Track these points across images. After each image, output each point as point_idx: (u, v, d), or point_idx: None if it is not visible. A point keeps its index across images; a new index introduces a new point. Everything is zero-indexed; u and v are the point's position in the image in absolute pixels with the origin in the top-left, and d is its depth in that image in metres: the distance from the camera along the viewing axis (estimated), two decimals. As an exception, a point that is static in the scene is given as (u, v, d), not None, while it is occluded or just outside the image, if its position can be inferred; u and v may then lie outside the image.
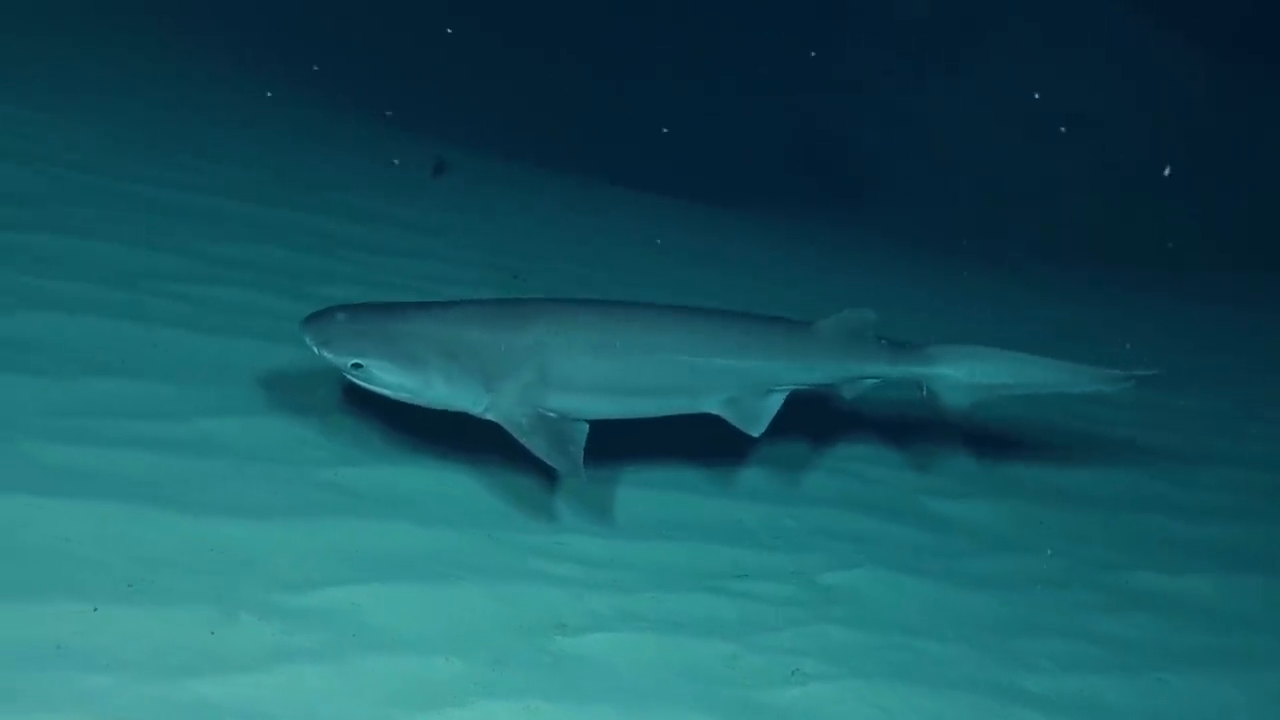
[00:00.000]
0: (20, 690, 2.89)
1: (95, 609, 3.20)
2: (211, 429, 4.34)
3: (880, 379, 4.75)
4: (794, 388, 4.55)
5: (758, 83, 16.16)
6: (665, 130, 13.41)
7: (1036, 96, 14.60)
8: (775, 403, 4.49)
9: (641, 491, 4.85)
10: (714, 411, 4.42)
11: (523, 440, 4.03)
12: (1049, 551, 5.28)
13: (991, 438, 6.21)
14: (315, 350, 4.01)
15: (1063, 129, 14.80)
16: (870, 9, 16.75)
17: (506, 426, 4.06)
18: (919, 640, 4.35)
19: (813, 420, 5.75)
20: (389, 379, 4.01)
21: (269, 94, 9.81)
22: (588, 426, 4.14)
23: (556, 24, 15.85)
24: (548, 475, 4.64)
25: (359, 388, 4.12)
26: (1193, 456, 6.75)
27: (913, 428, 6.07)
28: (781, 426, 4.58)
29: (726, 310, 4.61)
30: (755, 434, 4.45)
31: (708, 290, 7.92)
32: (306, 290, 5.70)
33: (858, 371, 4.66)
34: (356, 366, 3.98)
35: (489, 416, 4.11)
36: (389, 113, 10.95)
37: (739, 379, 4.38)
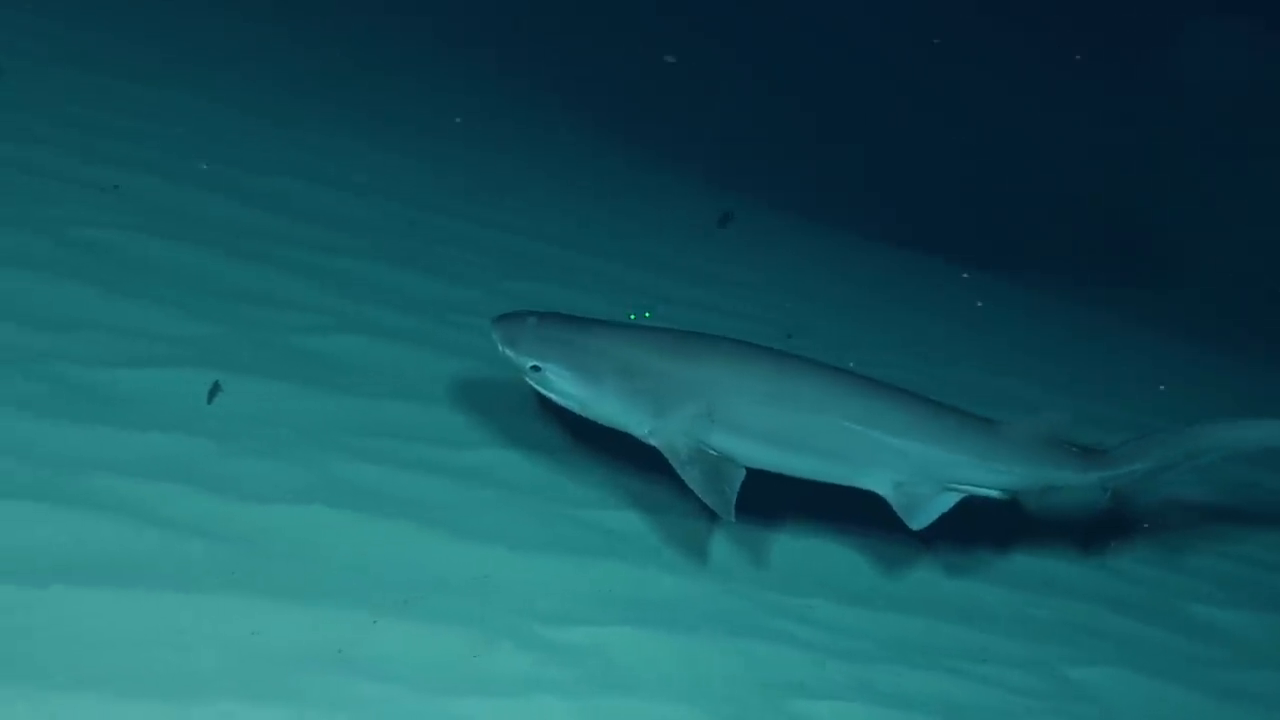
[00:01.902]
0: (303, 688, 3.22)
1: (375, 621, 3.53)
2: (490, 459, 4.66)
3: (1070, 486, 4.55)
4: (971, 489, 4.37)
5: (1058, 146, 15.68)
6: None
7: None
8: (946, 501, 4.34)
9: (891, 566, 4.90)
10: (878, 492, 4.31)
11: (680, 471, 4.07)
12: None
13: (1260, 544, 5.92)
14: (500, 348, 4.18)
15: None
16: (1183, 79, 15.93)
17: (666, 454, 4.12)
18: (1162, 750, 4.24)
19: (1071, 510, 5.63)
20: (564, 386, 4.15)
21: (573, 140, 10.33)
22: (744, 472, 4.13)
23: (846, 87, 15.90)
24: (795, 536, 4.77)
25: (538, 392, 4.27)
26: None
27: (1177, 525, 5.85)
28: (1038, 514, 4.53)
29: (915, 392, 4.42)
30: (915, 527, 4.30)
31: (994, 360, 7.86)
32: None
33: (1045, 480, 4.45)
34: (535, 369, 4.14)
35: (651, 441, 4.18)
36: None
37: (908, 463, 4.24)
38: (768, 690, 3.90)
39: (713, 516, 4.43)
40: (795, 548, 4.77)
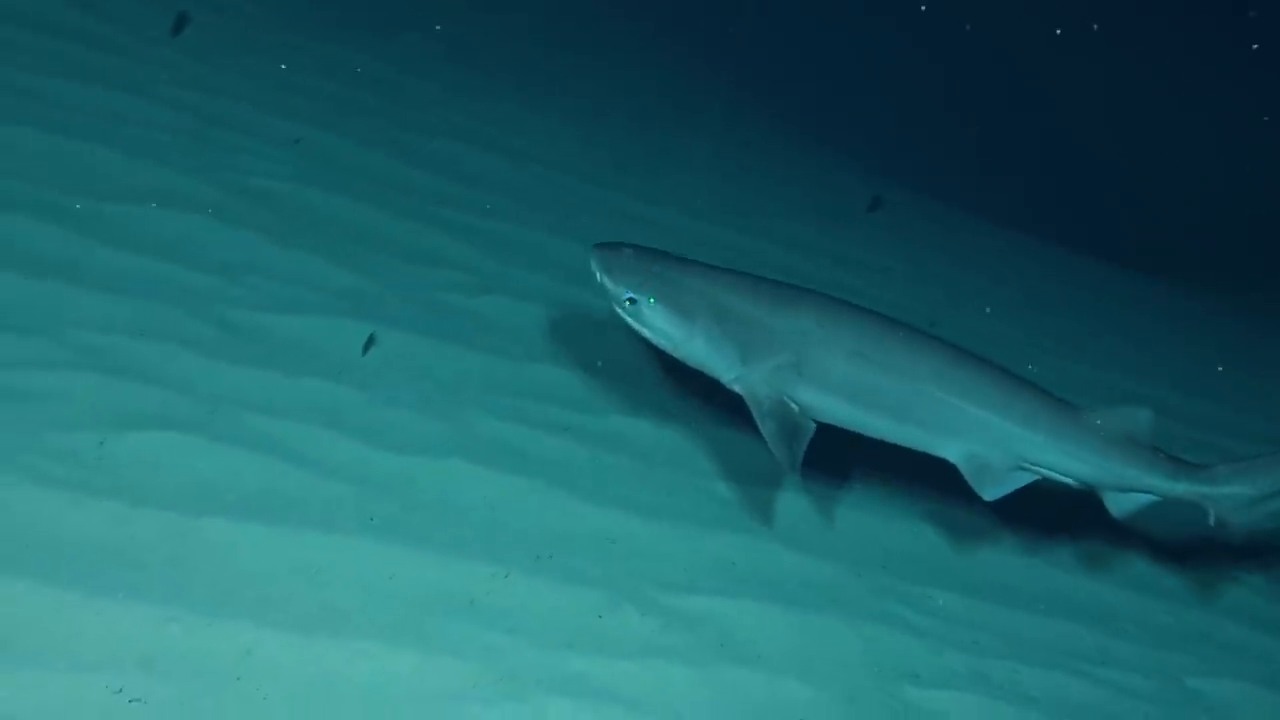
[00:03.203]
0: (434, 633, 3.36)
1: (506, 575, 3.65)
2: (624, 427, 4.75)
3: (1154, 493, 4.31)
4: (1046, 471, 4.23)
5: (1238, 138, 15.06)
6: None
7: None
8: (1019, 479, 4.21)
9: (1015, 559, 4.87)
10: (951, 460, 4.22)
11: (758, 419, 4.06)
12: None
13: None
14: (597, 277, 4.17)
15: None
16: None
17: (748, 401, 4.11)
18: (1286, 772, 4.14)
19: (1201, 519, 5.47)
20: (656, 322, 4.13)
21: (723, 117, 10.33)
22: (815, 427, 4.10)
23: (1006, 76, 15.56)
24: (915, 523, 4.78)
25: (628, 326, 4.24)
26: None
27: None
28: (1181, 521, 4.42)
29: (1001, 365, 4.28)
30: (987, 498, 4.19)
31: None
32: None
33: (1126, 477, 4.24)
34: (630, 301, 4.12)
35: (735, 388, 4.17)
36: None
37: (983, 433, 4.13)
38: (882, 674, 3.93)
39: (787, 482, 4.49)
40: (914, 535, 4.77)
